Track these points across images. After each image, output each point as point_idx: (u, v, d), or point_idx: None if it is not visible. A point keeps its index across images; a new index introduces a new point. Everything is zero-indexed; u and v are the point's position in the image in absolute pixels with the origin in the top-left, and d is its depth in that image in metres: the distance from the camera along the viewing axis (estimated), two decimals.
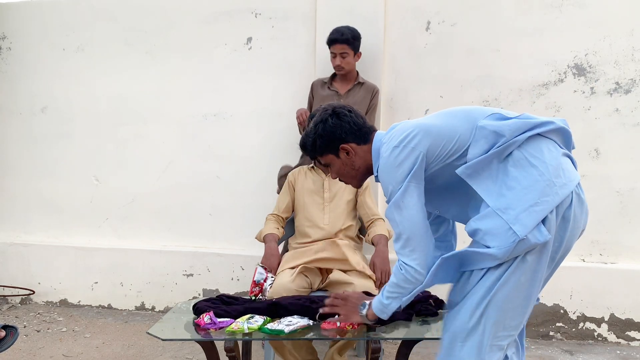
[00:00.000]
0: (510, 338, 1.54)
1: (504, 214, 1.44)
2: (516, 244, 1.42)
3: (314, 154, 1.76)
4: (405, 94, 3.35)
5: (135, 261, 3.70)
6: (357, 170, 1.72)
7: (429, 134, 1.54)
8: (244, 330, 1.77)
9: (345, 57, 3.03)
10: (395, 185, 1.54)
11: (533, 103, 3.23)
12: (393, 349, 2.92)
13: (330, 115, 1.69)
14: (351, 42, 3.01)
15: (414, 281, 1.56)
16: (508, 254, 1.44)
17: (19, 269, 3.88)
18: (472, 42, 3.28)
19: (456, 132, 1.54)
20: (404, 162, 1.52)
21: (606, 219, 3.16)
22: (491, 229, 1.46)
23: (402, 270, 1.57)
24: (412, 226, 1.54)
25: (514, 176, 1.47)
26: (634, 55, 3.13)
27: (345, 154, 1.69)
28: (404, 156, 1.53)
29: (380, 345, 1.93)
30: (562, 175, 1.48)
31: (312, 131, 1.72)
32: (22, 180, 3.97)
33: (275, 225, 2.72)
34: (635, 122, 3.15)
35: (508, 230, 1.43)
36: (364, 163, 1.70)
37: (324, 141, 1.69)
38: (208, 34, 3.61)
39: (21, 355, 2.93)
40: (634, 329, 3.10)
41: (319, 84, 3.20)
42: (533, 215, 1.43)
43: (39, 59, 3.90)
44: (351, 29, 3.02)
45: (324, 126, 1.69)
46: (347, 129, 1.67)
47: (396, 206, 1.54)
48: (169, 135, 3.71)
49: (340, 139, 1.68)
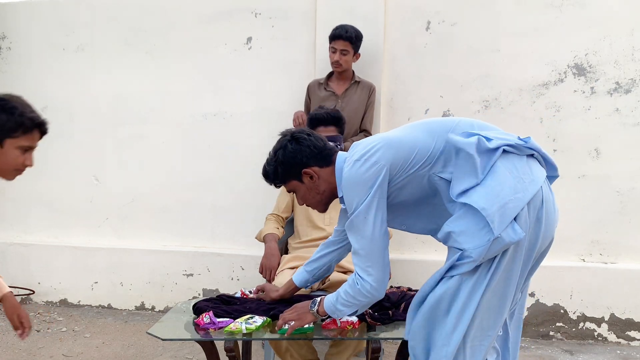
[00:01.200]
0: (488, 338, 1.54)
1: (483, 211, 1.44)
2: (491, 243, 1.42)
3: (277, 181, 1.73)
4: (405, 94, 3.35)
5: (135, 261, 3.70)
6: (322, 194, 1.70)
7: (390, 147, 1.53)
8: (242, 330, 1.77)
9: (346, 54, 3.04)
10: (360, 199, 1.52)
11: (533, 103, 3.23)
12: (393, 349, 2.92)
13: (289, 141, 1.67)
14: (354, 41, 3.03)
15: (369, 296, 1.58)
16: (483, 254, 1.44)
17: (18, 268, 3.87)
18: (472, 42, 3.28)
19: (417, 143, 1.54)
20: (367, 176, 1.51)
21: (606, 219, 3.15)
22: (466, 230, 1.46)
23: (357, 285, 1.58)
24: (372, 243, 1.54)
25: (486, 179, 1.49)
26: (634, 55, 3.13)
27: (309, 178, 1.67)
28: (366, 169, 1.51)
29: (380, 345, 1.93)
30: (529, 172, 1.51)
31: (272, 159, 1.70)
32: (22, 180, 3.90)
33: (275, 225, 2.72)
34: (636, 121, 3.15)
35: (482, 229, 1.42)
36: (328, 186, 1.68)
37: (285, 168, 1.67)
38: (208, 33, 3.60)
39: (21, 355, 2.93)
40: (634, 329, 3.10)
41: (315, 85, 3.20)
42: (507, 213, 1.43)
43: (39, 58, 3.90)
44: (355, 28, 3.04)
45: (284, 152, 1.67)
46: (308, 153, 1.65)
47: (358, 220, 1.53)
48: (169, 135, 3.71)
49: (302, 163, 1.65)
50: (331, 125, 2.69)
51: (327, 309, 1.68)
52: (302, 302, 1.77)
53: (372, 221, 1.52)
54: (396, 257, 3.18)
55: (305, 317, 1.72)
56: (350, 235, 1.59)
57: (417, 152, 1.54)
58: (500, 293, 1.51)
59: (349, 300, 1.62)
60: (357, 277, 1.58)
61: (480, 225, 1.43)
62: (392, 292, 2.03)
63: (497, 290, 1.50)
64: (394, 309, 1.91)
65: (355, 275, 1.59)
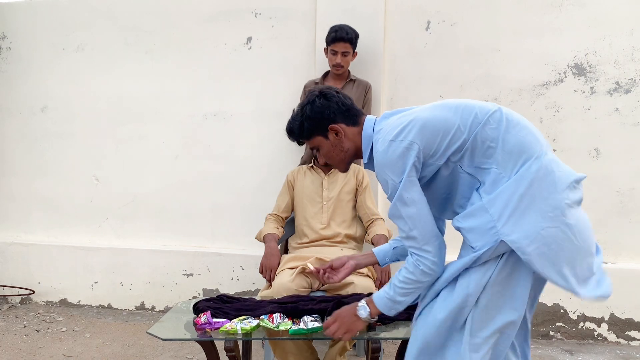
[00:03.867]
0: (494, 337, 1.49)
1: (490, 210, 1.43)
2: (498, 243, 1.40)
3: (301, 137, 1.71)
4: (405, 93, 3.36)
5: (135, 261, 3.70)
6: (346, 153, 1.68)
7: (425, 128, 1.50)
8: (237, 330, 1.77)
9: (347, 55, 3.05)
10: (396, 179, 1.49)
11: (533, 103, 3.23)
12: (393, 348, 2.92)
13: (317, 97, 1.66)
14: (354, 41, 3.05)
15: (432, 273, 1.52)
16: (490, 252, 1.43)
17: (18, 268, 3.88)
18: (472, 41, 3.28)
19: (449, 129, 1.49)
20: (403, 157, 1.48)
21: (606, 219, 3.16)
22: (475, 228, 1.45)
23: (420, 266, 1.51)
24: (420, 220, 1.50)
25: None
26: (634, 55, 3.13)
27: (334, 134, 1.65)
28: (402, 150, 1.48)
29: (380, 344, 1.93)
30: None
31: (298, 114, 1.68)
32: (22, 179, 3.97)
33: (274, 225, 2.72)
34: (635, 121, 3.15)
35: (491, 229, 1.41)
36: (352, 145, 1.66)
37: (312, 122, 1.65)
38: (208, 33, 3.61)
39: (21, 355, 2.93)
40: (634, 329, 3.10)
41: (311, 85, 3.18)
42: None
43: (39, 58, 3.90)
44: (352, 28, 3.05)
45: (311, 107, 1.65)
46: (336, 109, 1.64)
47: (402, 202, 1.49)
48: (169, 135, 3.71)
49: (329, 119, 1.64)
50: None
51: (383, 306, 1.58)
52: (343, 311, 1.67)
53: (413, 200, 1.49)
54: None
55: (356, 326, 1.63)
56: (396, 222, 1.54)
57: (449, 139, 1.49)
58: (509, 291, 1.48)
59: (409, 287, 1.54)
60: (416, 258, 1.52)
61: (490, 224, 1.42)
62: None
63: (505, 287, 1.47)
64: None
65: (412, 258, 1.53)
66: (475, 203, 1.47)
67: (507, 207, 1.40)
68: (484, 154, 1.47)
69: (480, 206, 1.45)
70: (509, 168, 1.44)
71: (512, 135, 1.47)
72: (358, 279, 2.35)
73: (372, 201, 2.77)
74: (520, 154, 1.44)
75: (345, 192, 2.72)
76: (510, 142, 1.45)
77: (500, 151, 1.45)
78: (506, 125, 1.48)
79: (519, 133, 1.47)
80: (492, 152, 1.46)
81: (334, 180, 2.76)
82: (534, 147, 1.45)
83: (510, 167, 1.44)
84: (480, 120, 1.49)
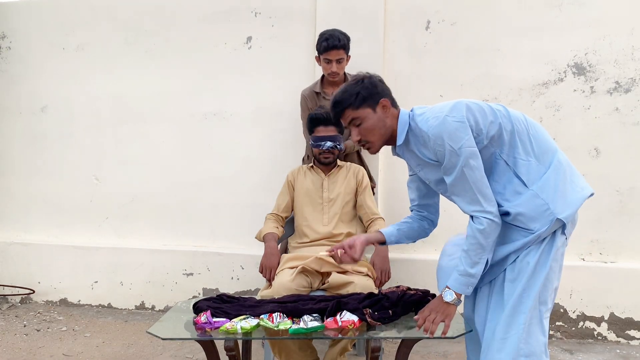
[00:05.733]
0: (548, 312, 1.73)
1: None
2: (553, 222, 1.64)
3: (353, 105, 1.78)
4: (405, 93, 3.34)
5: (135, 260, 3.70)
6: (387, 129, 1.80)
7: (470, 109, 1.68)
8: (237, 330, 1.77)
9: (342, 62, 2.95)
10: (455, 145, 1.64)
11: (533, 102, 3.23)
12: (393, 348, 2.92)
13: (371, 76, 1.84)
14: (347, 46, 2.94)
15: (492, 232, 1.66)
16: (547, 230, 1.65)
17: (18, 268, 3.88)
18: (472, 41, 3.28)
19: (497, 118, 1.70)
20: (459, 128, 1.64)
21: (606, 218, 3.16)
22: (528, 212, 1.67)
23: (480, 226, 1.65)
24: (483, 183, 1.66)
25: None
26: (633, 54, 3.13)
27: (382, 108, 1.79)
28: (458, 123, 1.65)
29: (380, 344, 1.93)
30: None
31: (353, 85, 1.81)
32: (22, 179, 3.97)
33: (274, 224, 2.72)
34: (635, 121, 3.15)
35: (546, 211, 1.64)
36: (392, 123, 1.80)
37: (368, 92, 1.78)
38: (208, 33, 3.61)
39: (21, 355, 2.94)
40: (633, 328, 3.10)
41: (311, 94, 3.10)
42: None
43: (39, 58, 3.90)
44: (343, 32, 2.93)
45: (370, 80, 1.81)
46: (386, 89, 1.83)
47: (469, 168, 1.65)
48: (169, 134, 3.71)
49: (383, 93, 1.81)
50: (331, 125, 2.69)
51: (460, 285, 1.71)
52: (432, 302, 1.78)
53: (478, 167, 1.65)
54: (396, 257, 3.18)
55: (450, 310, 1.74)
56: (456, 198, 1.71)
57: (488, 124, 1.69)
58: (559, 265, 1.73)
59: (475, 254, 1.67)
60: (477, 221, 1.66)
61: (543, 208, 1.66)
62: (392, 291, 2.03)
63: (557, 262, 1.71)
64: (393, 309, 1.91)
65: (473, 222, 1.67)
66: (520, 191, 1.68)
67: (556, 191, 1.66)
68: (524, 149, 1.70)
69: (532, 194, 1.67)
70: (544, 160, 1.70)
71: (537, 131, 1.74)
72: (358, 279, 2.35)
73: (372, 201, 2.77)
74: (548, 149, 1.72)
75: (345, 192, 2.72)
76: (539, 138, 1.73)
77: (536, 147, 1.71)
78: (526, 122, 1.75)
79: (539, 130, 1.76)
80: (530, 148, 1.70)
81: (334, 180, 2.76)
82: (552, 142, 1.76)
83: (545, 160, 1.70)
84: (505, 114, 1.73)
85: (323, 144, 2.67)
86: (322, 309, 1.89)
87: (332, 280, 2.34)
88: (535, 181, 1.67)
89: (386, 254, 2.53)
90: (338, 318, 1.82)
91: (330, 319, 1.83)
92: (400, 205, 3.36)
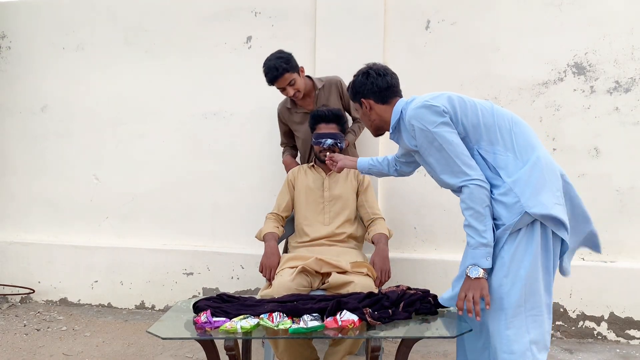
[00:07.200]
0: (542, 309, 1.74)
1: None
2: (522, 215, 1.69)
3: (351, 97, 2.08)
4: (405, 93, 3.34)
5: (135, 260, 3.71)
6: (373, 122, 2.04)
7: (451, 99, 1.80)
8: (237, 329, 1.77)
9: (294, 83, 2.82)
10: (429, 126, 1.77)
11: (533, 102, 3.23)
12: (393, 347, 2.92)
13: (362, 74, 2.00)
14: (291, 68, 2.79)
15: (486, 191, 1.74)
16: (518, 223, 1.70)
17: (18, 267, 3.88)
18: (471, 40, 3.28)
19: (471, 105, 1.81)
20: (435, 112, 1.77)
21: (606, 218, 3.16)
22: (504, 202, 1.74)
23: (474, 192, 1.72)
24: (465, 154, 1.76)
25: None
26: (633, 54, 3.14)
27: (365, 107, 2.00)
28: (435, 109, 1.78)
29: (380, 343, 1.93)
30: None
31: (351, 82, 2.04)
32: (22, 179, 3.97)
33: (275, 224, 2.72)
34: (635, 120, 3.15)
35: (516, 204, 1.70)
36: (378, 118, 2.01)
37: (351, 92, 2.05)
38: (208, 32, 3.61)
39: (21, 354, 2.94)
40: (633, 328, 3.10)
41: (284, 110, 3.07)
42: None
43: (39, 58, 3.90)
44: (279, 56, 2.80)
45: (355, 80, 2.02)
46: (369, 89, 1.97)
47: (447, 143, 1.76)
48: (169, 134, 3.71)
49: (362, 93, 1.99)
50: (333, 122, 2.70)
51: (479, 256, 1.73)
52: (463, 283, 1.77)
53: (453, 141, 1.76)
54: (396, 256, 3.18)
55: (482, 284, 1.74)
56: (444, 176, 1.79)
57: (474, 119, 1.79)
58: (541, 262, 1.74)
59: (479, 220, 1.72)
60: (469, 186, 1.73)
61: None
62: (392, 290, 2.03)
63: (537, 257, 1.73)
64: (393, 308, 1.91)
65: (465, 189, 1.74)
66: (496, 184, 1.77)
67: (527, 186, 1.71)
68: (504, 145, 1.78)
69: (507, 188, 1.73)
70: (523, 157, 1.77)
71: (520, 130, 1.81)
72: (358, 278, 2.35)
73: (374, 201, 2.77)
74: (528, 146, 1.78)
75: (346, 191, 2.72)
76: (520, 136, 1.80)
77: (516, 144, 1.78)
78: (511, 120, 1.83)
79: (523, 129, 1.82)
80: (510, 144, 1.78)
81: (335, 180, 2.76)
82: (535, 141, 1.81)
83: (524, 156, 1.77)
84: (489, 109, 1.82)
85: (323, 141, 2.67)
86: (322, 308, 1.90)
87: (332, 280, 2.34)
88: (512, 175, 1.75)
89: (386, 253, 2.53)
90: (338, 318, 1.82)
91: (330, 318, 1.83)
92: (400, 204, 3.36)
